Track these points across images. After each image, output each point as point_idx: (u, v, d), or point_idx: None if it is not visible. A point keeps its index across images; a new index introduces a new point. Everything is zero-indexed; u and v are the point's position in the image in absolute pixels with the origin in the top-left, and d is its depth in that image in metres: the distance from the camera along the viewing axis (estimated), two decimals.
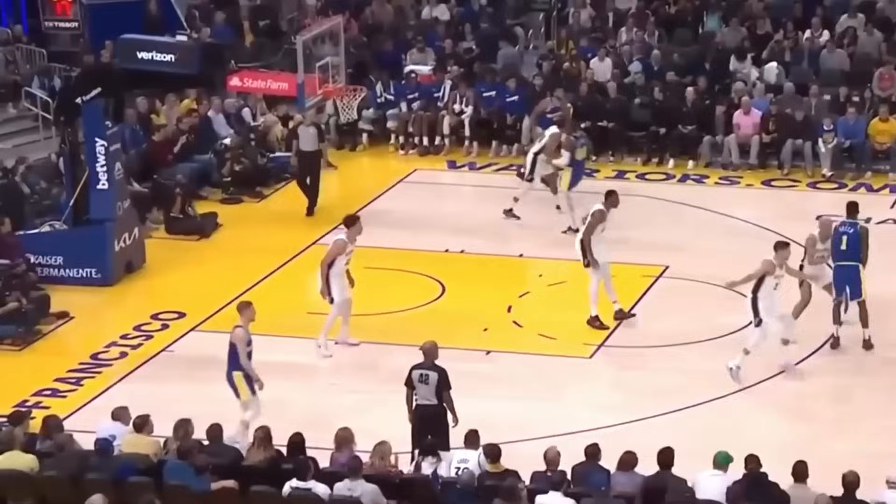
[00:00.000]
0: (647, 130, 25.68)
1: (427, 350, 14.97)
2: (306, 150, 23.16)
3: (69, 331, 19.31)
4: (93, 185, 20.48)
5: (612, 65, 27.05)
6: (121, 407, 14.63)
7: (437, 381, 14.67)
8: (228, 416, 15.05)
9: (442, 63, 27.68)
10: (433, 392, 14.68)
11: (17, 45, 27.49)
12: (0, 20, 28.75)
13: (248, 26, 29.25)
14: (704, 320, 18.92)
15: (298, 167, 23.49)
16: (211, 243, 22.38)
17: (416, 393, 14.77)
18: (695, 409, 16.68)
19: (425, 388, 14.71)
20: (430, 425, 14.50)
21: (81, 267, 20.48)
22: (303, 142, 23.17)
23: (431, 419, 14.59)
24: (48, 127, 25.72)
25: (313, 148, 23.15)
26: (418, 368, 14.83)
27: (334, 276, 17.94)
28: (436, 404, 14.69)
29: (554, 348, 18.34)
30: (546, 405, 16.74)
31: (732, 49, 27.14)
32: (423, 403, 14.75)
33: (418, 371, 14.81)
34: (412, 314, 19.53)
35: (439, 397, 14.68)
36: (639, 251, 20.90)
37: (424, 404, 14.74)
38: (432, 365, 14.84)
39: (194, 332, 19.09)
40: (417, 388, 14.75)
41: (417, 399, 14.77)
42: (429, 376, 14.73)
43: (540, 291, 20.13)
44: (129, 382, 17.71)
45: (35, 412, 15.54)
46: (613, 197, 19.09)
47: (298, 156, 23.36)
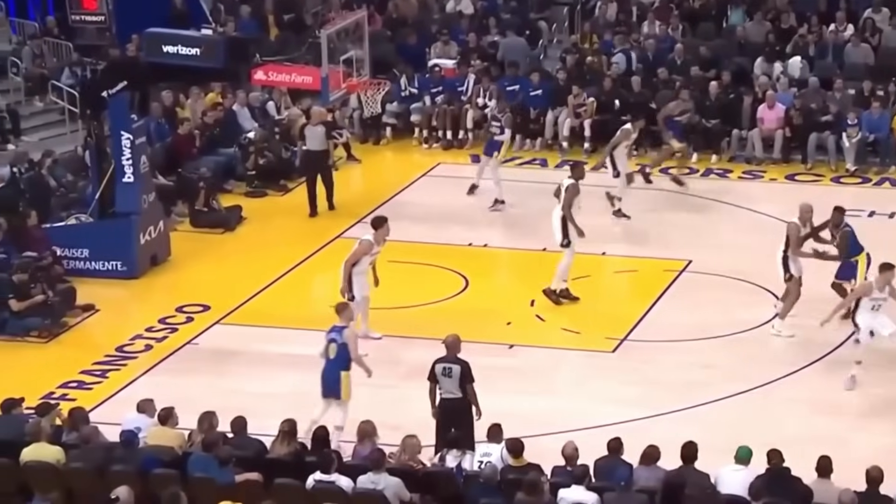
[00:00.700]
0: None
1: (450, 343, 14.99)
2: (313, 149, 23.04)
3: (95, 323, 19.38)
4: (118, 179, 20.55)
5: (636, 59, 27.02)
6: (146, 399, 14.69)
7: (460, 375, 14.69)
8: (252, 408, 15.09)
9: (466, 57, 27.67)
10: (457, 385, 14.71)
11: (45, 38, 27.61)
12: (27, 13, 28.87)
13: (273, 20, 29.26)
14: (727, 315, 18.88)
15: (305, 167, 23.35)
16: (235, 236, 22.44)
17: (440, 387, 14.79)
18: (717, 404, 16.66)
19: (449, 382, 14.74)
20: (455, 419, 14.52)
21: (107, 260, 20.54)
22: (310, 141, 23.07)
23: (456, 413, 14.61)
24: (74, 120, 25.80)
25: (321, 147, 23.03)
26: (441, 362, 14.85)
27: (356, 275, 17.95)
28: (460, 398, 14.71)
29: (577, 342, 18.34)
30: (569, 399, 16.74)
31: (756, 43, 27.07)
32: (448, 397, 14.77)
33: (441, 365, 14.83)
34: (435, 308, 19.54)
35: (463, 391, 14.70)
36: (661, 246, 20.89)
37: (449, 398, 14.76)
38: (455, 358, 14.86)
39: (219, 325, 19.14)
40: (441, 382, 14.78)
41: (441, 393, 14.79)
42: (452, 370, 14.76)
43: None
44: (154, 375, 17.78)
45: (61, 404, 15.61)
46: (579, 169, 19.50)
47: (305, 156, 23.25)
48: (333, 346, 15.45)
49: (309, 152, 23.12)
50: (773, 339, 18.21)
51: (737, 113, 25.51)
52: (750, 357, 17.81)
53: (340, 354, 15.44)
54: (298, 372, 17.45)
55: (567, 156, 25.66)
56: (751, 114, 25.34)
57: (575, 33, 29.22)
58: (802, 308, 18.10)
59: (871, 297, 16.72)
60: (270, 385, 17.19)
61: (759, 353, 17.89)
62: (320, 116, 23.51)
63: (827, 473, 12.98)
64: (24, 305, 18.82)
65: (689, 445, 13.30)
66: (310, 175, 23.13)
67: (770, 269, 18.95)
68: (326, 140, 23.20)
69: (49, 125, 26.50)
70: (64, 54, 27.38)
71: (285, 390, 16.96)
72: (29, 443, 13.62)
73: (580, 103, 25.73)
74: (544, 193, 23.16)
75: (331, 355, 15.45)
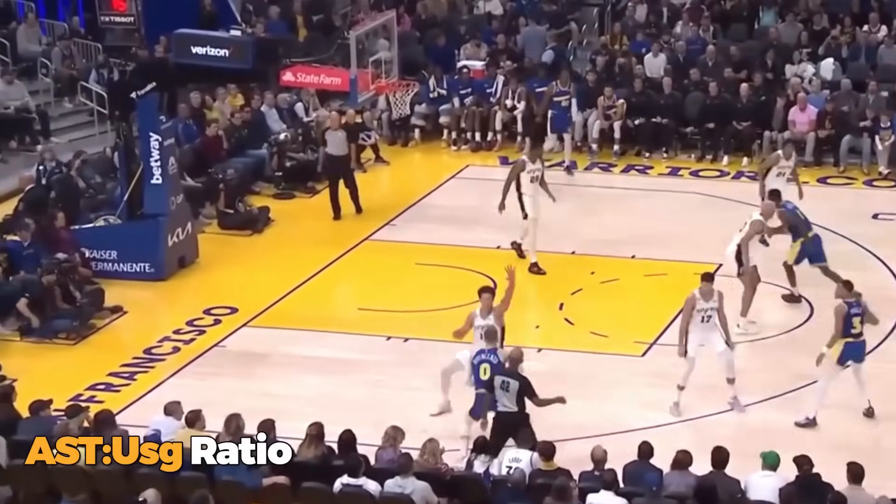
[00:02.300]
0: (702, 127, 25.57)
1: (512, 357, 14.94)
2: (335, 154, 23.03)
3: (122, 325, 19.45)
4: (147, 180, 20.62)
5: (666, 60, 26.97)
6: (173, 402, 14.71)
7: (517, 390, 14.64)
8: (280, 411, 15.09)
9: (494, 58, 27.66)
10: (514, 400, 14.65)
11: (74, 39, 27.72)
12: (57, 15, 29.00)
13: (302, 21, 29.33)
14: (758, 319, 18.79)
15: (328, 173, 23.32)
16: (263, 238, 22.47)
17: (497, 399, 14.73)
18: (748, 409, 16.58)
19: (506, 396, 14.69)
20: (510, 432, 14.39)
21: (135, 261, 20.61)
22: (331, 146, 23.05)
23: (511, 426, 14.50)
24: (103, 121, 25.92)
25: (342, 152, 23.02)
26: (501, 375, 14.80)
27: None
28: (516, 411, 14.66)
29: (606, 346, 18.31)
30: (598, 404, 16.69)
31: (788, 45, 26.97)
32: (504, 410, 14.71)
33: (500, 377, 14.77)
34: (463, 311, 19.39)
35: (520, 405, 14.66)
36: (691, 249, 20.81)
37: (505, 411, 14.70)
38: (514, 373, 14.81)
39: (246, 327, 19.17)
40: (498, 395, 14.70)
41: (498, 405, 14.73)
42: (510, 384, 14.69)
43: (592, 289, 20.08)
44: (182, 377, 17.82)
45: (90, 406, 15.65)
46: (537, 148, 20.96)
47: (328, 160, 23.24)
48: (486, 367, 15.12)
49: (331, 157, 23.12)
50: (804, 342, 18.10)
51: (768, 115, 25.42)
52: (781, 361, 17.73)
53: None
54: (326, 375, 17.51)
55: (596, 158, 25.65)
56: (783, 116, 25.25)
57: (605, 34, 29.18)
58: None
59: (698, 309, 16.27)
60: (298, 388, 17.22)
61: (790, 357, 17.80)
62: (340, 121, 23.42)
63: (859, 480, 12.89)
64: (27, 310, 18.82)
65: (720, 450, 13.25)
66: (332, 180, 23.10)
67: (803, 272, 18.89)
68: (348, 144, 23.17)
69: (78, 126, 26.63)
70: (93, 55, 27.49)
71: (312, 393, 16.98)
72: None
73: (610, 105, 25.70)
74: (573, 196, 23.23)
75: (483, 377, 15.10)
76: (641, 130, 25.81)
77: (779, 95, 25.58)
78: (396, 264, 20.98)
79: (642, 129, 25.78)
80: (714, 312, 16.31)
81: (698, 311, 16.29)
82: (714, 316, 16.33)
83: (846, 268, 18.35)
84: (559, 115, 24.80)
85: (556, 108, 24.77)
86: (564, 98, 24.71)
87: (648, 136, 25.76)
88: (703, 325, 16.32)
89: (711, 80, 25.91)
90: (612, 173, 25.12)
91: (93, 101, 26.31)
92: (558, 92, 24.72)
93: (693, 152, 25.63)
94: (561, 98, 24.70)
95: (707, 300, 16.30)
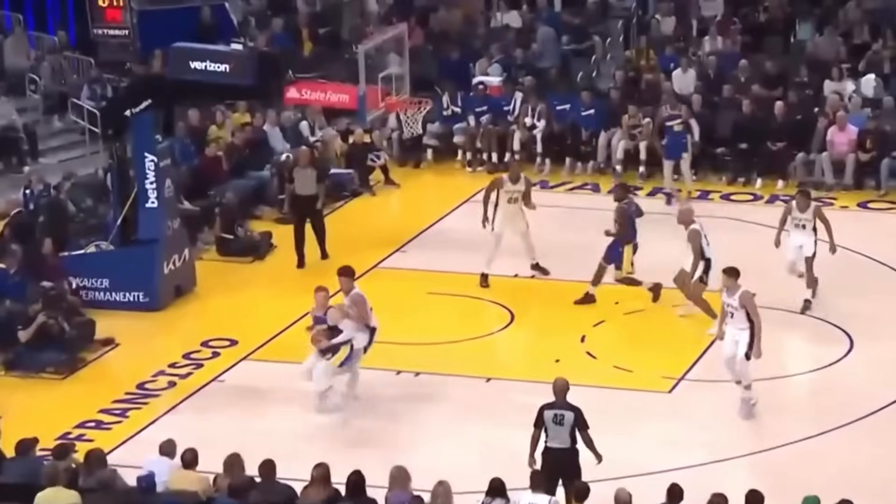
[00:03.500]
0: (733, 147, 25.56)
1: (559, 387, 14.90)
2: (302, 193, 22.27)
3: (114, 358, 19.45)
4: (141, 203, 20.66)
5: (696, 76, 27.01)
6: (168, 440, 14.69)
7: (572, 422, 14.61)
8: (282, 451, 15.09)
9: (512, 74, 27.70)
10: (567, 434, 14.60)
11: (64, 53, 27.83)
12: (47, 28, 29.11)
13: (307, 34, 29.41)
14: (794, 353, 18.77)
15: (293, 213, 22.62)
16: (265, 265, 22.50)
17: (548, 434, 14.67)
18: (784, 449, 16.52)
19: (559, 430, 14.60)
20: (562, 471, 14.38)
21: (128, 290, 20.64)
22: (299, 185, 22.32)
23: (564, 464, 14.48)
24: (95, 141, 25.99)
25: (311, 192, 22.22)
26: (551, 408, 14.70)
27: None
28: (568, 448, 14.61)
29: (631, 382, 18.27)
30: (622, 443, 16.60)
31: (827, 60, 26.98)
32: (556, 447, 14.60)
33: (552, 411, 14.68)
34: (478, 343, 19.51)
35: (573, 439, 14.63)
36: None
37: (557, 448, 14.59)
38: (567, 404, 14.75)
39: (247, 360, 19.17)
40: (550, 430, 14.61)
41: (548, 441, 14.65)
42: (564, 416, 14.62)
43: (616, 320, 20.06)
44: (178, 414, 17.82)
45: (78, 445, 15.65)
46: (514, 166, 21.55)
47: (293, 200, 22.51)
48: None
49: (298, 197, 22.38)
50: (846, 378, 18.07)
51: (805, 135, 25.40)
52: (820, 398, 17.68)
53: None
54: (331, 411, 17.46)
55: (620, 180, 25.62)
56: (821, 136, 25.22)
57: (630, 49, 29.22)
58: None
59: (723, 302, 16.96)
60: (302, 426, 17.19)
61: (830, 393, 17.76)
62: (309, 157, 22.82)
63: None
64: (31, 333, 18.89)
65: (755, 494, 13.21)
66: (298, 222, 22.38)
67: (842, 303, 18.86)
68: (317, 184, 22.36)
69: (68, 146, 26.72)
70: (85, 71, 27.59)
71: (318, 432, 16.96)
72: (45, 487, 13.65)
73: (635, 124, 25.71)
74: (596, 221, 23.15)
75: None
76: None
77: (816, 114, 25.56)
78: (407, 293, 20.98)
79: None
80: (735, 311, 16.76)
81: (724, 304, 16.90)
82: (736, 315, 16.78)
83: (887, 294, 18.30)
84: (673, 140, 24.25)
85: (668, 133, 24.25)
86: (677, 122, 24.16)
87: None
88: (729, 321, 16.92)
89: (744, 97, 25.91)
90: (637, 197, 25.07)
91: (84, 120, 26.39)
92: (668, 116, 24.28)
93: (724, 174, 25.61)
94: (673, 122, 24.20)
95: (730, 295, 16.86)
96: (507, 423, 16.52)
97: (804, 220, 19.77)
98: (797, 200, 19.88)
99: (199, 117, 25.44)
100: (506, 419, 16.80)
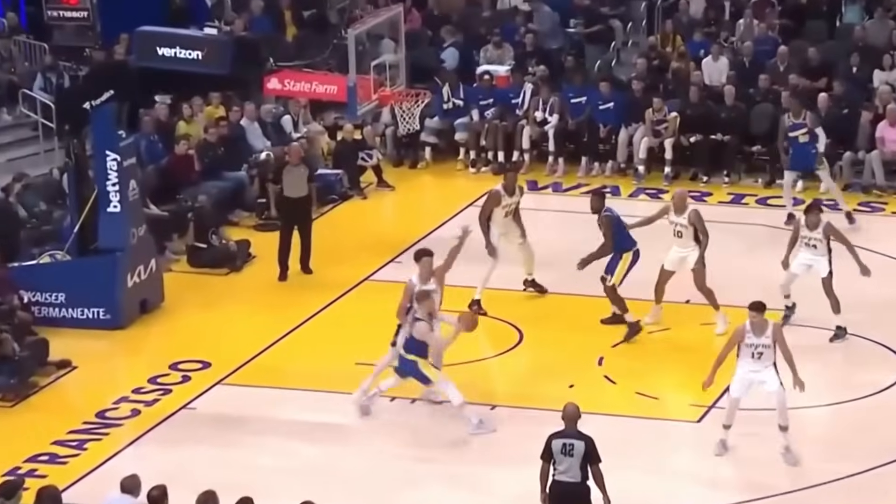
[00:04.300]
0: (771, 145, 25.59)
1: (570, 414, 14.93)
2: (292, 196, 22.27)
3: (71, 383, 19.43)
4: (102, 208, 20.67)
5: (729, 65, 27.04)
6: (131, 476, 14.66)
7: (583, 453, 14.64)
8: (261, 486, 15.08)
9: (521, 63, 27.72)
10: (578, 466, 14.63)
11: (14, 37, 27.84)
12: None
13: (291, 17, 29.49)
14: (838, 378, 18.79)
15: (281, 217, 22.70)
16: (242, 278, 22.51)
17: (557, 467, 14.72)
18: (827, 487, 16.52)
19: (569, 462, 14.64)
20: None
21: (87, 306, 20.63)
22: (288, 186, 22.32)
23: (571, 499, 14.54)
24: (50, 137, 26.01)
25: (301, 194, 22.24)
26: (560, 437, 14.75)
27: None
28: (579, 482, 14.64)
29: (655, 410, 18.28)
30: (647, 479, 16.65)
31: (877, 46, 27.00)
32: (564, 480, 14.65)
33: (560, 440, 14.73)
34: (482, 366, 19.52)
35: (584, 473, 14.66)
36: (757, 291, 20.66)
37: (566, 481, 14.64)
38: (577, 433, 14.80)
39: (220, 385, 19.16)
40: (558, 461, 14.67)
41: (556, 474, 14.71)
42: (574, 446, 14.67)
43: (638, 340, 20.05)
44: (142, 446, 17.79)
45: (28, 482, 15.66)
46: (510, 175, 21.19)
47: (282, 203, 22.62)
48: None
49: (286, 199, 22.42)
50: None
51: (852, 131, 25.44)
52: (867, 429, 17.66)
53: (409, 344, 17.32)
54: (317, 443, 17.47)
55: (643, 183, 25.66)
56: (869, 132, 25.25)
57: (654, 34, 29.26)
58: None
59: (748, 343, 16.81)
60: (283, 459, 17.19)
61: (878, 424, 17.74)
62: (300, 154, 22.92)
63: None
64: None
65: None
66: (285, 228, 22.35)
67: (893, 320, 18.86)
68: (308, 184, 22.42)
69: (19, 143, 26.75)
70: (38, 57, 27.61)
71: (301, 465, 16.96)
72: None
73: (660, 119, 25.73)
74: None
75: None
76: (698, 149, 25.83)
77: (864, 108, 25.59)
78: None
79: (699, 147, 25.79)
80: (766, 350, 16.66)
81: (748, 345, 16.74)
82: (766, 353, 16.67)
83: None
84: (799, 150, 23.87)
85: (793, 144, 23.92)
86: (801, 132, 23.77)
87: (706, 157, 25.78)
88: (752, 362, 16.73)
89: (783, 88, 25.94)
90: (661, 201, 25.09)
91: (37, 113, 26.42)
92: (792, 126, 23.88)
93: (760, 176, 25.64)
94: (797, 132, 23.81)
95: (759, 334, 16.67)
96: (515, 457, 16.51)
97: (814, 239, 19.65)
98: (806, 217, 19.72)
99: (168, 111, 25.47)
100: (513, 451, 16.80)
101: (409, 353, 17.45)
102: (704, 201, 24.73)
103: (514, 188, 21.10)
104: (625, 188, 25.51)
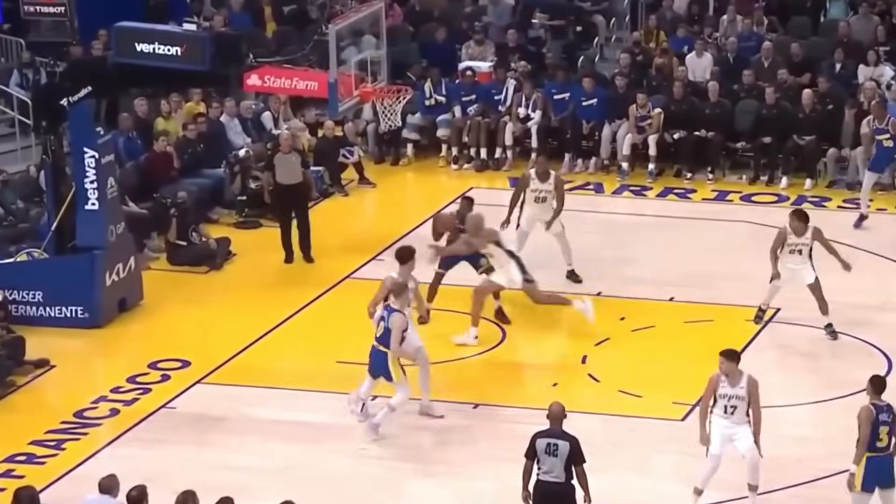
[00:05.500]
0: (755, 142, 25.60)
1: (555, 414, 14.92)
2: (286, 183, 22.52)
3: (49, 382, 19.39)
4: (80, 206, 20.63)
5: (713, 61, 27.06)
6: (110, 476, 14.64)
7: (568, 453, 14.64)
8: (241, 487, 15.06)
9: (504, 58, 27.71)
10: (562, 466, 14.63)
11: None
12: None
13: (270, 13, 29.46)
14: (826, 376, 18.80)
15: (277, 205, 22.94)
16: (222, 276, 22.48)
17: (540, 466, 14.72)
18: (815, 485, 16.55)
19: (552, 461, 14.65)
20: None
21: (65, 304, 20.60)
22: (282, 173, 22.53)
23: (554, 500, 14.55)
24: (27, 134, 25.95)
25: (295, 180, 22.51)
26: (544, 437, 14.75)
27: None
28: (562, 482, 14.65)
29: (639, 408, 18.28)
30: (630, 479, 16.66)
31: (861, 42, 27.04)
32: (548, 480, 14.66)
33: (545, 440, 14.72)
34: (465, 365, 19.51)
35: (568, 473, 14.66)
36: (744, 290, 20.79)
37: (549, 481, 14.65)
38: (562, 433, 14.79)
39: (200, 384, 19.14)
40: (542, 461, 14.68)
41: (540, 474, 14.71)
42: (558, 446, 14.67)
43: (622, 338, 20.07)
44: (121, 446, 17.75)
45: (6, 483, 15.61)
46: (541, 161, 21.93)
47: (276, 191, 22.79)
48: (382, 326, 17.29)
49: (282, 187, 22.61)
50: None
51: (836, 128, 25.46)
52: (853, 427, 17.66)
53: (384, 336, 17.23)
54: (297, 443, 17.46)
55: (627, 179, 25.68)
56: (854, 129, 25.28)
57: (638, 30, 29.26)
58: None
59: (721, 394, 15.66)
60: (263, 459, 17.16)
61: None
62: (291, 142, 23.09)
63: None
64: None
65: None
66: (283, 215, 22.65)
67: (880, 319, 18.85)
68: (302, 170, 22.70)
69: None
70: (14, 53, 27.55)
71: (281, 465, 16.94)
72: None
73: (644, 115, 25.75)
74: (598, 226, 23.20)
75: (377, 334, 17.32)
76: (682, 146, 25.85)
77: (849, 104, 25.62)
78: None
79: (683, 144, 25.81)
80: (739, 402, 15.63)
81: (721, 396, 15.69)
82: (740, 406, 15.64)
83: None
84: (884, 153, 23.78)
85: (878, 146, 23.76)
86: (886, 137, 23.57)
87: (690, 154, 25.79)
88: (725, 417, 15.73)
89: (767, 84, 25.97)
90: (646, 198, 25.16)
91: (14, 110, 26.34)
92: (876, 129, 23.72)
93: (744, 173, 25.67)
94: (882, 136, 23.61)
95: (733, 384, 15.66)
96: (497, 456, 16.55)
97: (801, 245, 19.51)
98: (792, 223, 19.50)
99: (147, 107, 25.42)
100: (495, 450, 16.82)
101: (381, 345, 17.36)
102: (688, 198, 24.76)
103: (547, 174, 21.31)
104: (608, 185, 25.53)
